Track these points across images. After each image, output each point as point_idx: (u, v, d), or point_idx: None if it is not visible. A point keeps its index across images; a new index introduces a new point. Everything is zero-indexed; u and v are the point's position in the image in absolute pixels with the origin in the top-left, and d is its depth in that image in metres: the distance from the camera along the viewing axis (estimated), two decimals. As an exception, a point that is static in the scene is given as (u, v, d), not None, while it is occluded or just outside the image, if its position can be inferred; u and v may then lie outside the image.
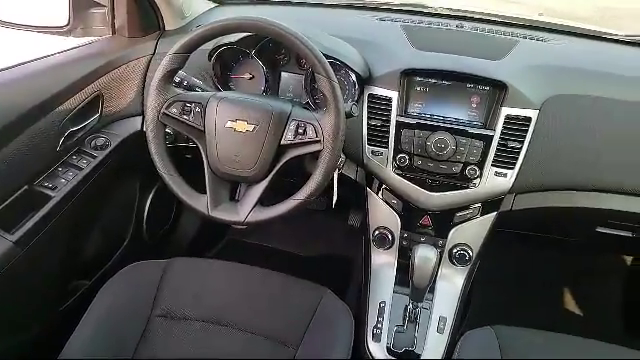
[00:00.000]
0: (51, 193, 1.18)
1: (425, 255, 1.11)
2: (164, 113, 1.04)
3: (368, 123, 1.22)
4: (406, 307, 1.23)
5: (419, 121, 1.19)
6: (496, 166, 1.17)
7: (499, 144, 1.15)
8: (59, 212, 1.20)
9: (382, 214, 1.33)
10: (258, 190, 1.04)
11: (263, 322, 1.10)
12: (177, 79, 1.14)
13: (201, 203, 1.05)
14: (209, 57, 1.28)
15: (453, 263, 1.30)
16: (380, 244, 1.34)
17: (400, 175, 1.23)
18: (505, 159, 1.16)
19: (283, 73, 1.33)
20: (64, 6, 1.33)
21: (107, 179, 1.36)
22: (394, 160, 1.21)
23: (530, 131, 1.15)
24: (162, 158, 1.06)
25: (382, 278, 1.33)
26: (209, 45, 1.21)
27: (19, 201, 1.13)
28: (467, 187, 1.20)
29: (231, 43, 1.24)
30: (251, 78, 1.33)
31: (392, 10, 1.58)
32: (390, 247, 1.34)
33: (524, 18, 1.55)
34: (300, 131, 1.01)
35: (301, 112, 1.04)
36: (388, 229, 1.33)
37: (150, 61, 1.39)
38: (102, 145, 1.32)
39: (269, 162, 1.02)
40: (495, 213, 1.26)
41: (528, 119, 1.15)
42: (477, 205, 1.25)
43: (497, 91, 1.16)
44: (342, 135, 1.00)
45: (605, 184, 1.19)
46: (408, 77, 1.20)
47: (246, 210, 1.03)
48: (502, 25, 1.50)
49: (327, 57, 1.03)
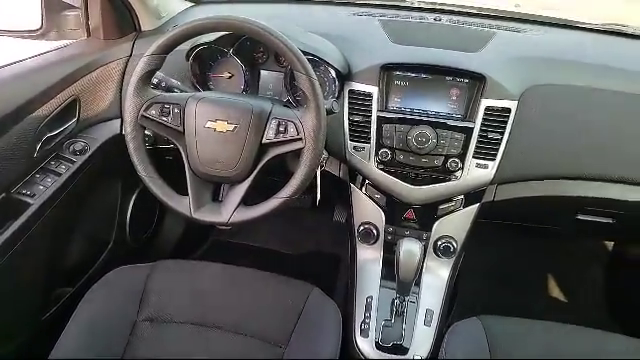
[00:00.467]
0: (29, 200, 1.16)
1: (410, 249, 1.12)
2: (142, 115, 1.02)
3: (349, 119, 1.22)
4: (393, 301, 1.23)
5: (400, 115, 1.19)
6: (477, 158, 1.18)
7: (479, 136, 1.16)
8: (38, 220, 1.17)
9: (366, 209, 1.33)
10: (241, 190, 1.03)
11: (250, 322, 1.10)
12: (155, 80, 1.12)
13: (183, 205, 1.04)
14: (187, 57, 1.27)
15: (438, 255, 1.31)
16: (365, 239, 1.34)
17: (383, 170, 1.23)
18: (486, 150, 1.17)
19: (262, 71, 1.33)
20: (36, 9, 1.31)
21: (87, 184, 1.34)
22: (376, 155, 1.21)
23: (510, 122, 1.16)
24: (142, 161, 1.05)
25: (368, 273, 1.34)
26: (186, 45, 1.19)
27: None
28: (449, 180, 1.20)
29: (209, 42, 1.23)
30: (230, 77, 1.32)
31: (369, 5, 1.58)
32: (375, 242, 1.34)
33: (500, 9, 1.56)
34: (281, 129, 1.00)
35: (281, 110, 1.03)
36: (373, 224, 1.33)
37: (127, 63, 1.37)
38: (81, 150, 1.30)
39: (251, 161, 1.01)
40: (478, 204, 1.27)
41: (507, 110, 1.16)
42: (460, 197, 1.26)
43: (476, 83, 1.17)
44: (323, 132, 1.00)
45: (585, 172, 1.20)
46: (387, 72, 1.20)
47: (229, 210, 1.03)
48: (479, 17, 1.52)
49: (306, 54, 1.02)
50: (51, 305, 1.36)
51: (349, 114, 1.22)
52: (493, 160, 1.18)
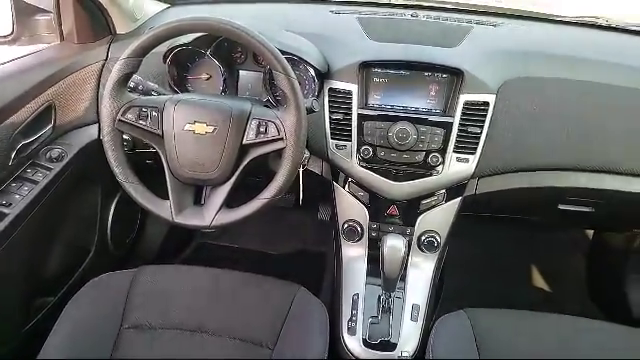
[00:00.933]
0: (6, 210, 1.14)
1: (394, 245, 1.12)
2: (120, 120, 1.01)
3: (330, 117, 1.22)
4: (379, 298, 1.24)
5: (380, 112, 1.19)
6: (458, 152, 1.19)
7: (459, 130, 1.17)
8: (16, 229, 1.15)
9: (350, 207, 1.33)
10: (222, 192, 1.03)
11: (237, 325, 1.09)
12: (132, 84, 1.10)
13: (164, 209, 1.03)
14: (164, 59, 1.25)
15: (422, 250, 1.32)
16: (350, 237, 1.35)
17: (365, 167, 1.23)
18: (466, 145, 1.18)
19: (241, 71, 1.32)
20: (6, 14, 1.28)
21: (66, 191, 1.32)
22: (358, 153, 1.21)
23: (489, 116, 1.17)
24: (121, 166, 1.03)
25: (354, 271, 1.34)
26: (163, 47, 1.18)
27: None
28: (431, 175, 1.21)
29: (185, 44, 1.22)
30: (208, 78, 1.31)
31: (346, 2, 1.58)
32: (360, 239, 1.35)
33: (477, 4, 1.58)
34: (262, 130, 1.00)
35: (261, 110, 1.03)
36: (357, 221, 1.33)
37: (103, 67, 1.35)
38: (58, 157, 1.27)
39: (232, 163, 1.01)
40: (460, 198, 1.28)
41: (486, 104, 1.17)
42: (442, 191, 1.27)
43: (454, 78, 1.18)
44: (304, 131, 0.99)
45: (564, 163, 1.22)
46: (366, 69, 1.20)
47: (211, 213, 1.02)
48: (456, 12, 1.53)
49: (284, 53, 1.02)
50: (32, 316, 1.33)
51: (330, 112, 1.22)
52: (473, 154, 1.19)
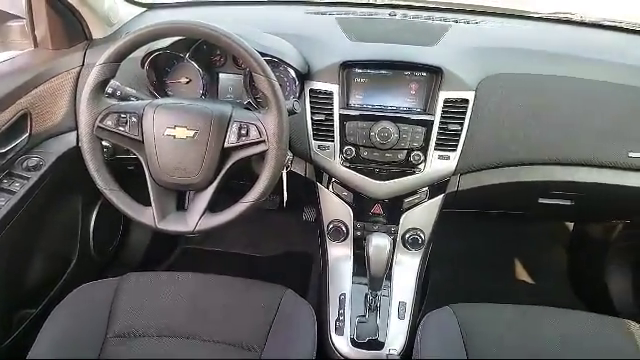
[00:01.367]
0: None
1: (379, 243, 1.12)
2: (98, 126, 0.99)
3: (312, 118, 1.22)
4: (366, 296, 1.24)
5: (361, 112, 1.20)
6: (439, 150, 1.20)
7: (440, 128, 1.18)
8: None
9: (334, 207, 1.34)
10: (205, 197, 1.02)
11: (224, 329, 1.08)
12: (110, 90, 1.09)
13: (147, 216, 1.02)
14: (142, 64, 1.24)
15: (407, 248, 1.33)
16: (335, 237, 1.35)
17: (348, 167, 1.24)
18: (447, 142, 1.19)
19: (221, 74, 1.31)
20: (-23, 21, 1.25)
21: (44, 200, 1.29)
22: (341, 153, 1.22)
23: (468, 113, 1.18)
24: (101, 173, 1.02)
25: (340, 270, 1.34)
26: (140, 52, 1.16)
27: None
28: (413, 173, 1.22)
29: (163, 48, 1.20)
30: (188, 82, 1.30)
31: (324, 3, 1.58)
32: (345, 239, 1.35)
33: (452, 2, 1.59)
34: (243, 132, 0.99)
35: (242, 113, 1.02)
36: (341, 221, 1.34)
37: (79, 73, 1.33)
38: (35, 165, 1.25)
39: (214, 167, 1.00)
40: (442, 195, 1.29)
41: (465, 101, 1.18)
42: (424, 189, 1.28)
43: (434, 76, 1.19)
44: (286, 133, 0.99)
45: (543, 157, 1.24)
46: (347, 69, 1.20)
47: (195, 218, 1.01)
48: (433, 11, 1.54)
49: (264, 55, 1.02)
50: (13, 329, 1.30)
51: (311, 113, 1.22)
52: (454, 151, 1.20)
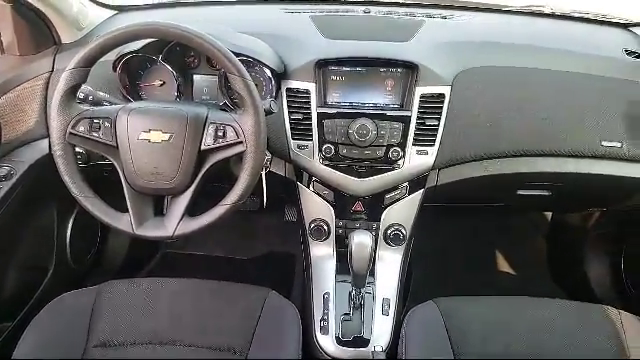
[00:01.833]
0: None
1: (361, 241, 1.12)
2: (71, 133, 0.97)
3: (290, 117, 1.21)
4: (350, 294, 1.24)
5: (339, 110, 1.20)
6: (417, 145, 1.20)
7: (417, 123, 1.19)
8: None
9: (315, 206, 1.33)
10: (183, 201, 1.00)
11: (208, 334, 1.07)
12: (81, 95, 1.06)
13: (124, 222, 1.00)
14: (114, 68, 1.22)
15: (389, 244, 1.33)
16: (317, 236, 1.34)
17: (328, 165, 1.23)
18: (425, 137, 1.20)
19: (195, 76, 1.29)
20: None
21: (18, 210, 1.26)
22: (320, 151, 1.21)
23: (445, 107, 1.19)
24: (75, 180, 0.99)
25: (323, 269, 1.34)
26: (112, 55, 1.14)
27: None
28: (393, 169, 1.22)
29: (135, 51, 1.18)
30: (162, 85, 1.28)
31: (298, 1, 1.57)
32: (327, 238, 1.34)
33: None
34: (220, 134, 0.98)
35: (218, 114, 1.01)
36: (323, 220, 1.33)
37: (49, 79, 1.30)
38: (6, 175, 1.22)
39: (191, 170, 0.99)
40: (422, 190, 1.30)
41: (441, 96, 1.19)
42: (404, 185, 1.28)
43: (409, 72, 1.19)
44: (264, 133, 0.98)
45: (519, 149, 1.25)
46: (323, 68, 1.20)
47: (173, 223, 1.00)
48: (406, 7, 1.55)
49: (238, 55, 1.01)
50: None
51: (289, 113, 1.21)
52: (432, 146, 1.20)
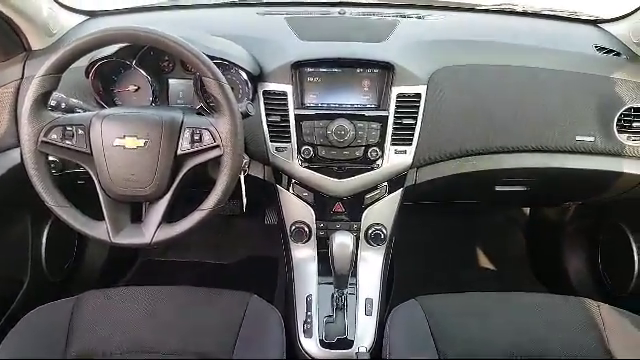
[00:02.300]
0: None
1: (342, 241, 1.12)
2: (43, 141, 0.95)
3: (267, 120, 1.21)
4: (333, 296, 1.24)
5: (317, 111, 1.20)
6: (395, 144, 1.21)
7: (394, 123, 1.19)
8: None
9: (296, 208, 1.33)
10: (161, 207, 0.99)
11: (190, 341, 1.05)
12: (53, 102, 1.04)
13: (101, 231, 0.98)
14: (86, 74, 1.20)
15: (370, 244, 1.33)
16: (298, 238, 1.34)
17: (307, 167, 1.23)
18: (402, 137, 1.20)
19: (170, 80, 1.28)
20: None
21: None
22: (299, 153, 1.21)
23: (421, 106, 1.20)
24: (49, 190, 0.97)
25: (305, 272, 1.33)
26: (84, 61, 1.12)
27: None
28: (372, 169, 1.23)
29: (108, 56, 1.17)
30: (137, 90, 1.26)
31: (272, 3, 1.57)
32: (308, 240, 1.34)
33: None
34: (196, 138, 0.97)
35: (194, 119, 1.00)
36: (304, 222, 1.33)
37: (19, 87, 1.27)
38: None
39: (167, 176, 0.97)
40: (401, 189, 1.30)
41: (418, 95, 1.19)
42: (384, 184, 1.29)
43: (385, 72, 1.20)
44: (241, 136, 0.98)
45: (496, 145, 1.27)
46: (299, 69, 1.20)
47: (151, 230, 0.98)
48: (381, 7, 1.56)
49: (212, 58, 1.00)
50: None
51: (266, 115, 1.21)
52: (410, 145, 1.21)
